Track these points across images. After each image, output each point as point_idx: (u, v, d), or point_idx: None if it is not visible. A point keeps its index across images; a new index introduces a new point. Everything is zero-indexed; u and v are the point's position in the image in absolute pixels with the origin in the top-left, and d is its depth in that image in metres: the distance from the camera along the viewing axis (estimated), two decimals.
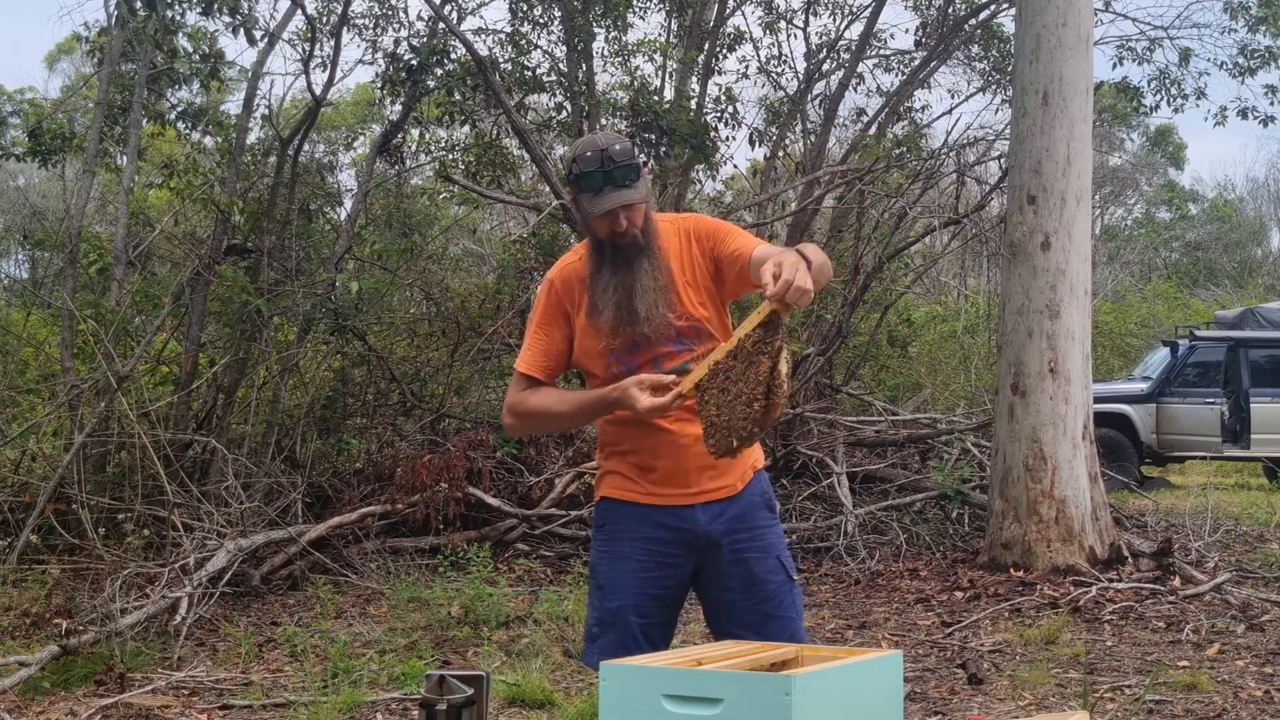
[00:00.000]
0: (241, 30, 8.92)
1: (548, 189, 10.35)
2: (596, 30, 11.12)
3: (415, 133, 12.23)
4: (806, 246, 2.68)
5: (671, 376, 2.71)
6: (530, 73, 11.27)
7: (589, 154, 2.79)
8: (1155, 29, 14.13)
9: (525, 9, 11.36)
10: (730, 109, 11.33)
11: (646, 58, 12.91)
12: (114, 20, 8.94)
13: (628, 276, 2.83)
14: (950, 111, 23.25)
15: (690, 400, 2.74)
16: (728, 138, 13.03)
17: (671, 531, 2.93)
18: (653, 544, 2.94)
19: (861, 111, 14.65)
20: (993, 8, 13.73)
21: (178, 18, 9.44)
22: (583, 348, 2.95)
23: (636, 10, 12.56)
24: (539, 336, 2.98)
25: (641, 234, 2.85)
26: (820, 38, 13.88)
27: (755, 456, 3.04)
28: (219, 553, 6.81)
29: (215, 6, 8.80)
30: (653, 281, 2.85)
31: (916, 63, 13.99)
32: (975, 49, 14.38)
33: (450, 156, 12.31)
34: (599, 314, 2.86)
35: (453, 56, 10.10)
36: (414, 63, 9.88)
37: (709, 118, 11.44)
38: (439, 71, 10.02)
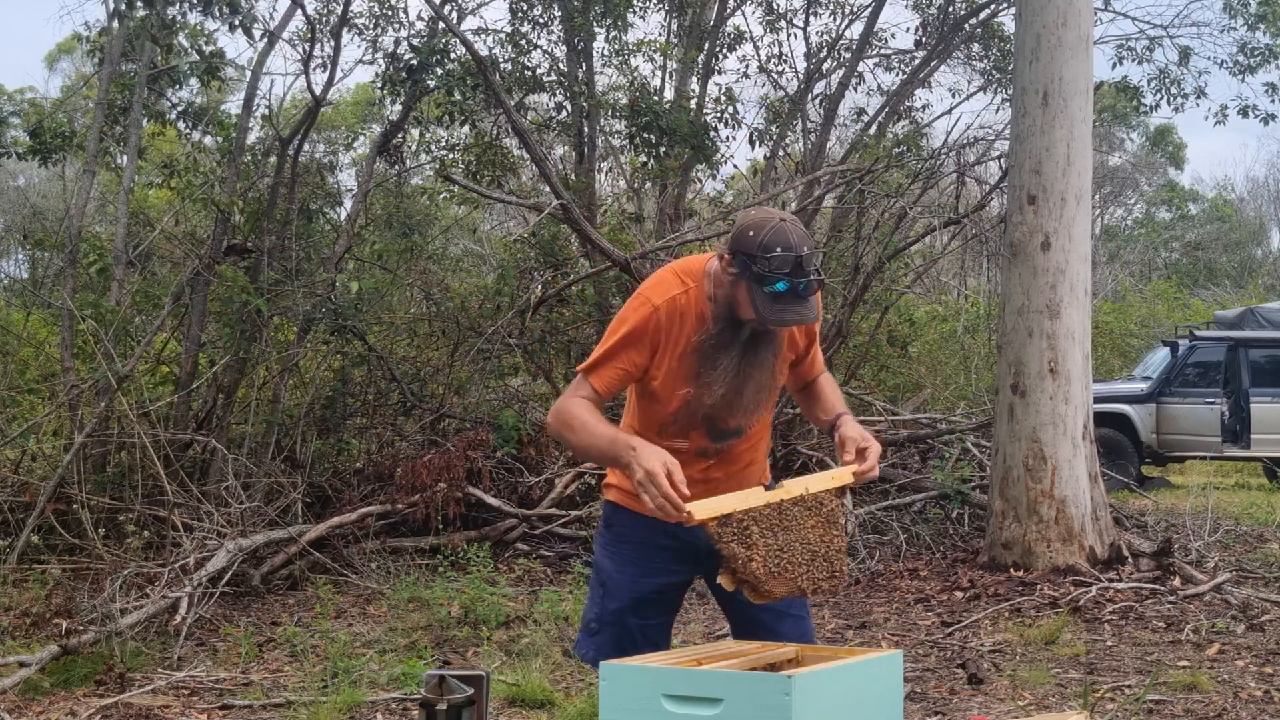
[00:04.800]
0: (240, 28, 8.92)
1: (548, 189, 10.35)
2: (596, 30, 11.12)
3: (415, 133, 12.23)
4: (842, 406, 3.03)
5: (685, 495, 2.58)
6: (530, 73, 11.27)
7: (780, 252, 2.63)
8: (1155, 28, 14.11)
9: (525, 9, 11.35)
10: (730, 109, 11.33)
11: (646, 58, 12.91)
12: (112, 15, 8.93)
13: (751, 368, 2.79)
14: (950, 111, 23.21)
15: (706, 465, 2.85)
16: (728, 138, 13.02)
17: (677, 541, 2.94)
18: (657, 550, 2.97)
19: (861, 111, 14.65)
20: (993, 7, 13.73)
21: (178, 18, 9.44)
22: (660, 382, 2.86)
23: (636, 10, 12.56)
24: (622, 355, 2.83)
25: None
26: (820, 37, 13.88)
27: (763, 474, 3.06)
28: (219, 553, 6.81)
29: (214, 5, 8.80)
30: (770, 379, 2.85)
31: (917, 62, 13.99)
32: (975, 48, 14.37)
33: (450, 156, 12.31)
34: (707, 388, 2.79)
35: (453, 56, 10.10)
36: (414, 63, 9.88)
37: (709, 118, 11.43)
38: (439, 71, 10.02)
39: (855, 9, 13.83)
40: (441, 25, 10.42)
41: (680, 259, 2.96)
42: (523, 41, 11.42)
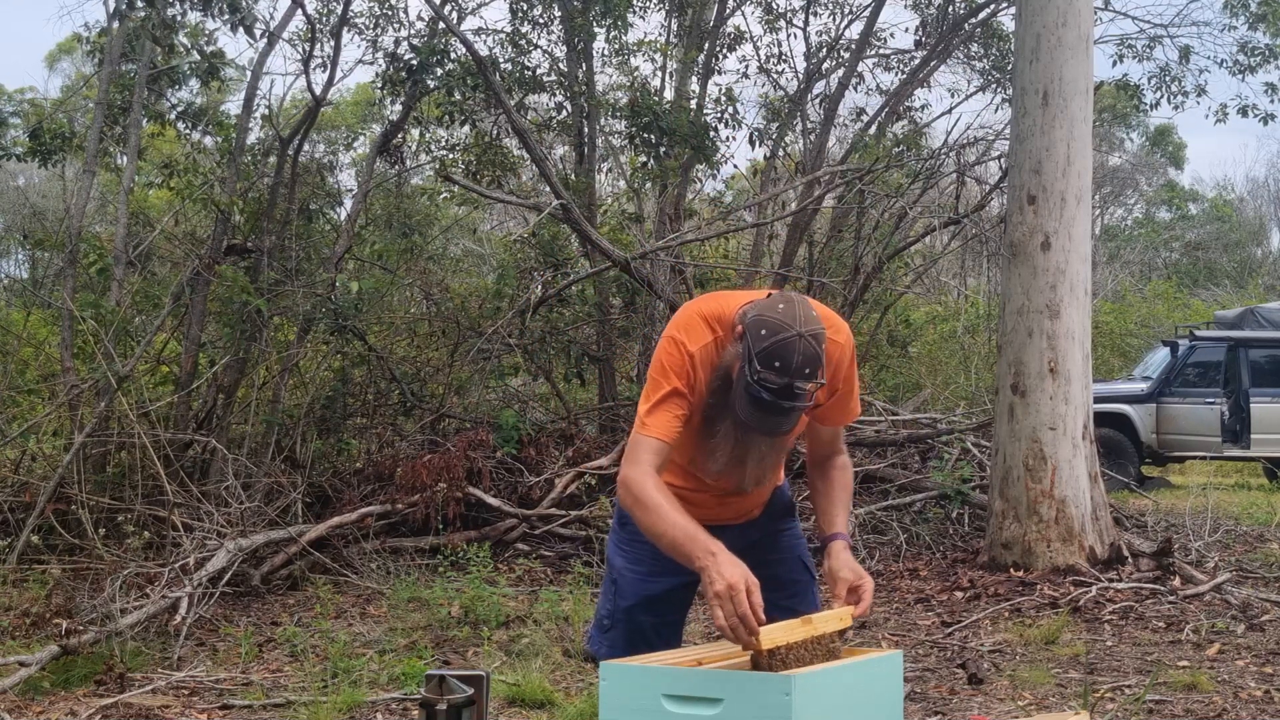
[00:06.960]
0: (241, 28, 8.92)
1: (548, 189, 10.35)
2: (596, 30, 11.12)
3: (415, 133, 12.23)
4: (842, 521, 2.87)
5: (762, 619, 2.47)
6: (530, 73, 11.26)
7: (777, 367, 2.50)
8: (1155, 26, 14.12)
9: (525, 9, 11.36)
10: (730, 109, 11.33)
11: (646, 58, 12.91)
12: (113, 15, 8.93)
13: (751, 437, 2.68)
14: (950, 111, 23.30)
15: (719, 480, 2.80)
16: (728, 138, 13.03)
17: None
18: None
19: (861, 111, 14.64)
20: (993, 7, 13.72)
21: (179, 17, 9.44)
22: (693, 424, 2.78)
23: (636, 10, 12.55)
24: (671, 402, 2.70)
25: None
26: (820, 37, 13.88)
27: (778, 478, 3.04)
28: (219, 553, 6.81)
29: (214, 4, 8.80)
30: (770, 447, 2.74)
31: (916, 62, 13.98)
32: (975, 48, 14.37)
33: (450, 156, 12.31)
34: (710, 456, 2.73)
35: (453, 56, 10.10)
36: (414, 63, 9.88)
37: (709, 118, 11.43)
38: (439, 71, 10.02)
39: (855, 9, 13.84)
40: (441, 25, 10.42)
41: (710, 297, 2.82)
42: (523, 41, 11.42)
